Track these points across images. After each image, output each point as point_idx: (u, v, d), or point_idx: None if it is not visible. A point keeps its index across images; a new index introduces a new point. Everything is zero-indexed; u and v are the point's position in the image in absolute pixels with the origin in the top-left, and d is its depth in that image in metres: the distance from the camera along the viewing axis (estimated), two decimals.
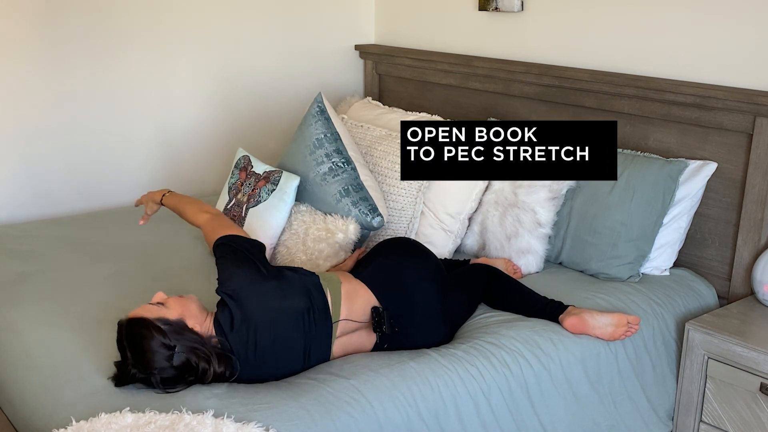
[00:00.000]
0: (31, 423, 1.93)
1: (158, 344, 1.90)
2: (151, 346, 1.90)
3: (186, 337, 1.93)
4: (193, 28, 3.48)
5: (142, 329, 1.92)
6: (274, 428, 1.81)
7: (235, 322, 2.01)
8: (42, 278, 2.60)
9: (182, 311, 2.00)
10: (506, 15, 3.33)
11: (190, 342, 1.93)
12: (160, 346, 1.90)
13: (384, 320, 2.15)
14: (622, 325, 2.37)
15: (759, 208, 2.57)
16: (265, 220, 2.63)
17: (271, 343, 2.02)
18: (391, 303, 2.22)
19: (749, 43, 2.60)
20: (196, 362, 1.92)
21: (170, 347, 1.90)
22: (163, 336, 1.91)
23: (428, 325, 2.27)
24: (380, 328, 2.15)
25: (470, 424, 2.10)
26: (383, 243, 2.52)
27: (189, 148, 3.59)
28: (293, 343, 2.06)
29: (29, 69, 3.13)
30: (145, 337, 1.91)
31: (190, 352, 1.92)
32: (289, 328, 2.05)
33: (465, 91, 3.48)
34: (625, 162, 2.70)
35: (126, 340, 1.93)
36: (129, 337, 1.93)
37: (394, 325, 2.18)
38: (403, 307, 2.23)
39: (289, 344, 2.05)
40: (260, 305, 2.04)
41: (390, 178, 2.84)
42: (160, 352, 1.90)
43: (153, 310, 1.97)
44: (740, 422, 2.34)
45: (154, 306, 1.99)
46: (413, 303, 2.26)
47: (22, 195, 3.22)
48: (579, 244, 2.72)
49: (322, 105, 2.88)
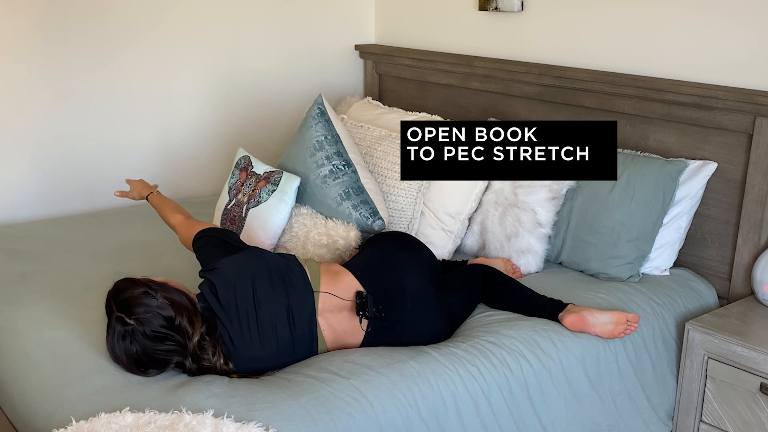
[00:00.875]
0: (31, 423, 1.93)
1: (142, 293, 2.00)
2: (135, 293, 2.00)
3: (171, 293, 2.03)
4: (193, 29, 3.48)
5: (127, 283, 2.04)
6: (274, 428, 1.81)
7: (219, 293, 2.09)
8: (42, 278, 2.60)
9: (165, 279, 2.11)
10: (506, 15, 3.33)
11: (174, 296, 2.02)
12: (144, 295, 1.99)
13: (368, 304, 2.15)
14: (621, 323, 2.37)
15: (759, 208, 2.57)
16: (265, 220, 2.63)
17: (253, 304, 2.09)
18: (377, 290, 2.22)
19: (749, 43, 2.60)
20: (180, 320, 1.98)
21: (154, 296, 1.99)
22: (148, 288, 2.01)
23: (422, 315, 2.25)
24: (363, 311, 2.15)
25: (470, 424, 2.10)
26: (376, 235, 2.53)
27: (189, 148, 3.59)
28: (276, 306, 2.10)
29: (30, 69, 3.13)
30: (130, 287, 2.02)
31: (173, 305, 2.00)
32: (267, 285, 2.12)
33: (465, 91, 3.48)
34: (625, 162, 2.70)
35: (113, 298, 2.02)
36: (115, 293, 2.03)
37: (381, 311, 2.17)
38: (392, 295, 2.23)
39: (272, 307, 2.10)
40: (238, 269, 2.14)
41: (390, 179, 2.84)
42: (145, 300, 1.98)
43: (139, 280, 2.06)
44: (740, 422, 2.34)
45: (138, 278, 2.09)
46: (403, 291, 2.24)
47: (22, 195, 3.23)
48: (579, 244, 2.72)
49: (322, 106, 2.88)
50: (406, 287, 2.26)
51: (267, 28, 3.68)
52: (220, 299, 2.08)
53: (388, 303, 2.20)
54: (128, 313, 1.97)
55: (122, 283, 2.06)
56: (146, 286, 2.02)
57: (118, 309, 1.98)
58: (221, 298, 2.08)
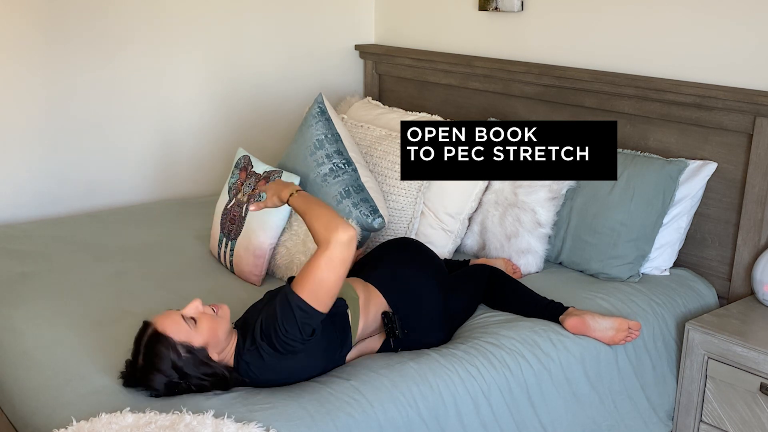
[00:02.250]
0: (31, 423, 1.93)
1: (168, 367, 1.88)
2: (162, 367, 1.88)
3: (199, 371, 1.90)
4: (193, 28, 3.48)
5: (162, 348, 1.88)
6: (275, 428, 1.81)
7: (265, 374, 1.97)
8: (42, 278, 2.59)
9: (208, 338, 1.93)
10: (506, 15, 3.33)
11: (199, 376, 1.90)
12: (171, 368, 1.88)
13: (396, 325, 2.16)
14: (622, 329, 2.37)
15: (759, 208, 2.57)
16: (264, 220, 2.63)
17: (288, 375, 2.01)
18: (400, 305, 2.24)
19: (749, 43, 2.60)
20: (191, 388, 1.91)
21: (179, 371, 1.88)
22: (177, 364, 1.88)
23: (429, 327, 2.27)
24: (393, 333, 2.16)
25: (470, 424, 2.10)
26: (388, 244, 2.52)
27: (189, 148, 3.59)
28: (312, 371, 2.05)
29: (29, 68, 3.13)
30: (162, 358, 1.88)
31: (192, 384, 1.90)
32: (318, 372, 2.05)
33: (465, 91, 3.48)
34: (625, 162, 2.70)
35: (144, 348, 1.90)
36: (147, 347, 1.90)
37: (404, 327, 2.19)
38: (410, 308, 2.25)
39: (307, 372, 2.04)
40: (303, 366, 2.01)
41: (390, 178, 2.84)
42: (165, 375, 1.88)
43: (182, 330, 1.91)
44: (740, 422, 2.34)
45: (184, 324, 1.92)
46: (420, 305, 2.27)
47: (22, 195, 3.22)
48: (579, 244, 2.72)
49: (322, 105, 2.88)
50: (422, 302, 2.28)
51: (267, 28, 3.68)
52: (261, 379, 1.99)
53: (406, 317, 2.22)
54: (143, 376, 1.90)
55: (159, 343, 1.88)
56: (178, 359, 1.88)
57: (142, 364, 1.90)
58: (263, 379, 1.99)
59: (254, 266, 2.62)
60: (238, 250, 2.66)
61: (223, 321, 1.99)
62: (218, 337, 1.95)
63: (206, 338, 1.93)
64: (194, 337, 1.91)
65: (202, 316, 1.96)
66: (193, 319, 1.94)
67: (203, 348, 1.92)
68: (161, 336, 1.89)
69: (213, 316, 1.97)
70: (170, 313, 1.95)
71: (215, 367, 1.93)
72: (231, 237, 2.68)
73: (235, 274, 2.70)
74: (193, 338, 1.91)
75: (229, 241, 2.69)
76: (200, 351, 1.91)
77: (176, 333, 1.90)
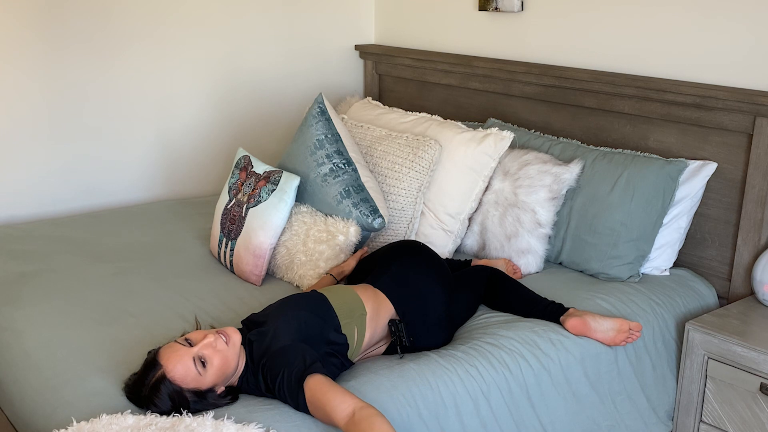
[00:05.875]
0: (31, 423, 1.93)
1: (174, 404, 1.83)
2: (166, 404, 1.83)
3: (201, 403, 1.86)
4: (193, 28, 3.48)
5: (168, 390, 1.83)
6: (275, 429, 1.80)
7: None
8: (42, 278, 2.59)
9: (218, 377, 1.88)
10: (506, 15, 3.33)
11: (201, 406, 1.86)
12: (176, 404, 1.84)
13: (403, 333, 2.16)
14: (623, 330, 2.37)
15: (759, 208, 2.57)
16: (265, 220, 2.63)
17: None
18: (408, 312, 2.24)
19: (749, 43, 2.60)
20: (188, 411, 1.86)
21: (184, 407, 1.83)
22: (182, 403, 1.83)
23: (432, 331, 2.27)
24: (401, 342, 2.15)
25: (470, 424, 2.10)
26: (394, 247, 2.51)
27: (189, 148, 3.59)
28: None
29: (29, 69, 3.14)
30: (169, 398, 1.83)
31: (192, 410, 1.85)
32: None
33: (465, 91, 3.48)
34: (625, 162, 2.70)
35: (151, 387, 1.84)
36: (154, 387, 1.83)
37: (409, 334, 2.19)
38: (416, 315, 2.24)
39: None
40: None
41: (390, 178, 2.84)
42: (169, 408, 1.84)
43: (190, 376, 1.84)
44: (740, 422, 2.34)
45: (193, 369, 1.84)
46: (425, 311, 2.27)
47: (23, 195, 3.23)
48: (579, 244, 2.72)
49: (322, 105, 2.88)
50: (429, 308, 2.28)
51: (267, 27, 3.68)
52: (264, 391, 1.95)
53: (412, 323, 2.22)
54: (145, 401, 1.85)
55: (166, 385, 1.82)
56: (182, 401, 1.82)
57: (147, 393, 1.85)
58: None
59: (254, 266, 2.62)
60: (238, 250, 2.66)
61: (233, 350, 1.92)
62: (228, 372, 1.91)
63: (216, 378, 1.88)
64: (204, 382, 1.86)
65: (214, 353, 1.87)
66: (202, 362, 1.86)
67: (212, 389, 1.88)
68: (168, 382, 1.83)
69: (225, 350, 1.89)
70: (180, 351, 1.86)
71: (220, 402, 1.89)
72: (231, 237, 2.68)
73: (235, 274, 2.70)
74: (202, 383, 1.86)
75: (229, 241, 2.69)
76: (209, 393, 1.88)
77: (185, 380, 1.84)
